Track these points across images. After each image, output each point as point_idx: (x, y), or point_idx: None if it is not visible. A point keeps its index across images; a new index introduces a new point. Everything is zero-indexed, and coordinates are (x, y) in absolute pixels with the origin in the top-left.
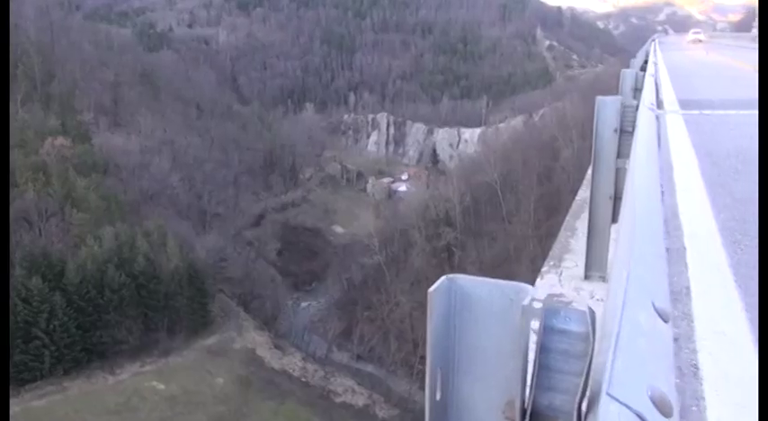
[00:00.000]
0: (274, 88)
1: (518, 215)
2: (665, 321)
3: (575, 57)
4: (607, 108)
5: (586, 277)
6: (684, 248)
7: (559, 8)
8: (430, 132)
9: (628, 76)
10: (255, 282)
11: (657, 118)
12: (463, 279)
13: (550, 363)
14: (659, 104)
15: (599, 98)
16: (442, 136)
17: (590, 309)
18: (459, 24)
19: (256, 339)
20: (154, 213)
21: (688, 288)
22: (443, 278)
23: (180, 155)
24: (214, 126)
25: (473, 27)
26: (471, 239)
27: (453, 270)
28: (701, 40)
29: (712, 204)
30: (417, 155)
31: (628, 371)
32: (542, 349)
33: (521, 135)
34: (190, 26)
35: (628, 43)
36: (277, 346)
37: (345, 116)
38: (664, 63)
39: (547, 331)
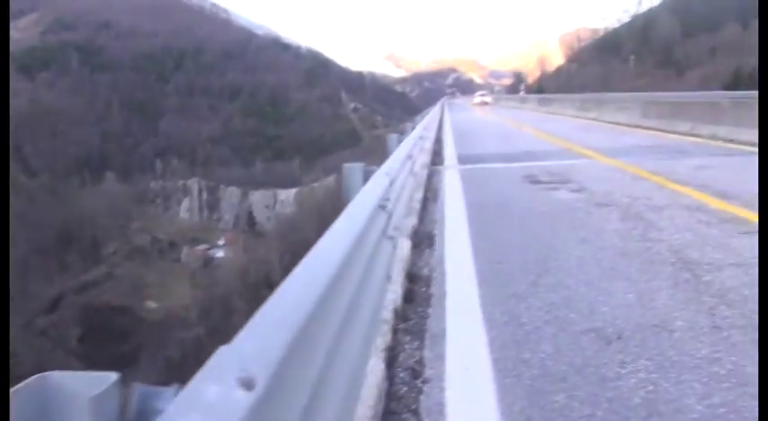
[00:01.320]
0: (68, 158)
1: None
2: (249, 390)
3: (378, 117)
4: (354, 173)
5: None
6: (446, 293)
7: (360, 73)
8: (245, 195)
9: (394, 140)
10: None
11: (439, 172)
12: (55, 375)
13: None
14: (441, 161)
15: (345, 165)
16: (258, 198)
17: (177, 386)
18: (266, 88)
19: None
20: None
21: (444, 330)
22: (33, 377)
23: None
24: None
25: (281, 91)
26: None
27: None
28: (487, 102)
29: (473, 250)
30: (233, 219)
31: None
32: None
33: (333, 192)
34: None
35: (423, 104)
36: None
37: (153, 183)
38: (450, 122)
39: (146, 413)
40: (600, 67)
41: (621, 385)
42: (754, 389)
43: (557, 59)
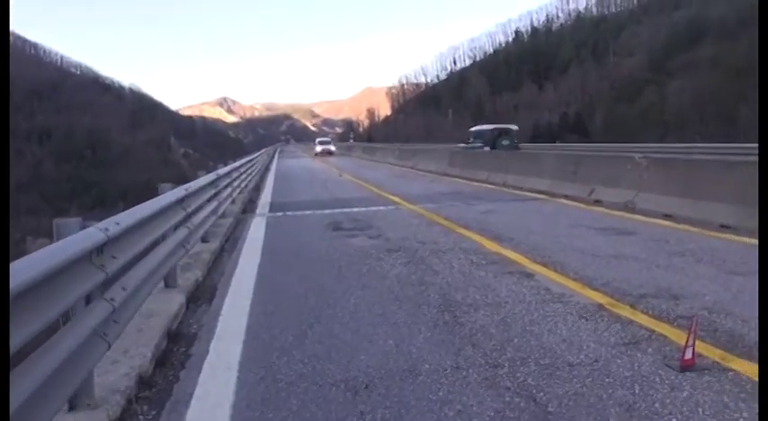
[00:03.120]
0: None
1: None
2: None
3: (210, 163)
4: (70, 232)
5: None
6: (207, 352)
7: (191, 118)
8: None
9: (167, 188)
10: None
11: (246, 221)
12: None
13: None
14: (253, 208)
15: (57, 221)
16: None
17: None
18: (84, 131)
19: None
20: None
21: (191, 394)
22: None
23: None
24: None
25: (101, 134)
26: None
27: None
28: (332, 152)
29: (253, 302)
30: None
31: None
32: None
33: None
34: None
35: (256, 150)
36: None
37: None
38: (275, 169)
39: None
40: (423, 119)
41: None
42: None
43: (385, 109)
